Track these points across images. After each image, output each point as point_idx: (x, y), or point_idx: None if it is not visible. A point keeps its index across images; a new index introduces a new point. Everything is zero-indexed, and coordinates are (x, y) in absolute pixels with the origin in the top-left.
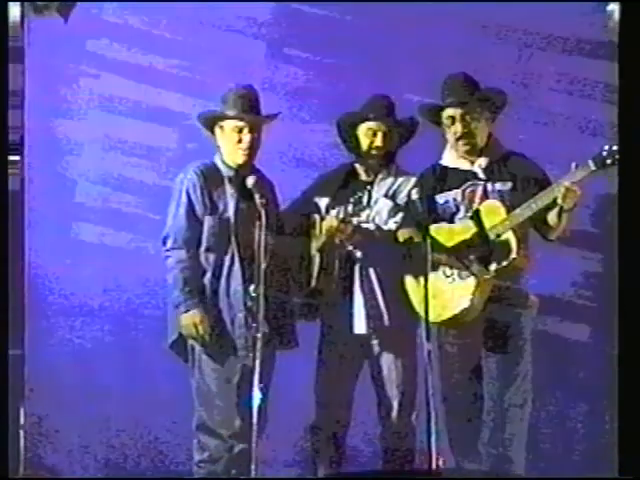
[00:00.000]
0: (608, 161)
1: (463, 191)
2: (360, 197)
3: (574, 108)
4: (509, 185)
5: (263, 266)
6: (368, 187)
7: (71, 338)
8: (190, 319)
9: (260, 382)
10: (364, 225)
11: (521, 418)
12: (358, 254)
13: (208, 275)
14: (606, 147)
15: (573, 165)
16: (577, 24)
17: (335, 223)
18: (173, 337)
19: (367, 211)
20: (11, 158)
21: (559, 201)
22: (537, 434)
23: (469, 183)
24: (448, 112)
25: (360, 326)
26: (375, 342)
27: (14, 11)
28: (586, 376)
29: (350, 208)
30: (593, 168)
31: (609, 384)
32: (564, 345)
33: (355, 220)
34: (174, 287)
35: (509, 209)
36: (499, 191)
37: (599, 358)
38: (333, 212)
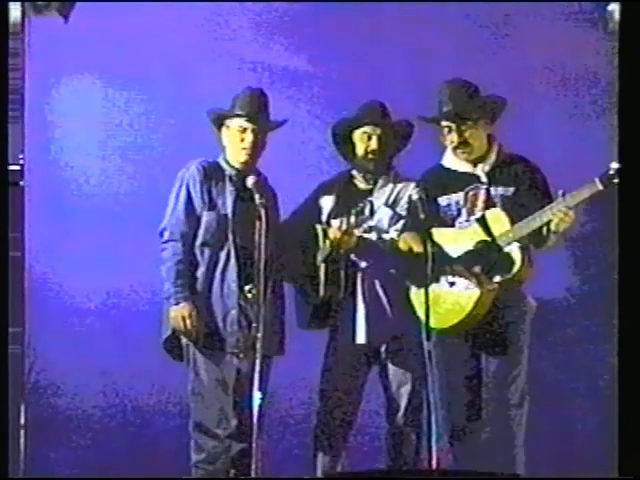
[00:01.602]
0: (615, 180)
1: (465, 194)
2: (362, 208)
3: (574, 110)
4: (511, 190)
5: (262, 267)
6: (369, 197)
7: (72, 337)
8: (179, 312)
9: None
10: (366, 235)
11: (520, 418)
12: (362, 264)
13: (202, 269)
14: (613, 165)
15: (561, 193)
16: (577, 25)
17: (338, 235)
18: (166, 334)
19: (369, 221)
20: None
21: (552, 225)
22: (537, 434)
23: (472, 186)
24: (444, 123)
25: (360, 336)
26: (382, 348)
27: (14, 11)
28: (585, 376)
29: (353, 219)
30: (600, 187)
31: (609, 383)
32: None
33: (357, 231)
34: (166, 279)
35: (513, 219)
36: (501, 196)
37: (599, 358)
38: (335, 222)
